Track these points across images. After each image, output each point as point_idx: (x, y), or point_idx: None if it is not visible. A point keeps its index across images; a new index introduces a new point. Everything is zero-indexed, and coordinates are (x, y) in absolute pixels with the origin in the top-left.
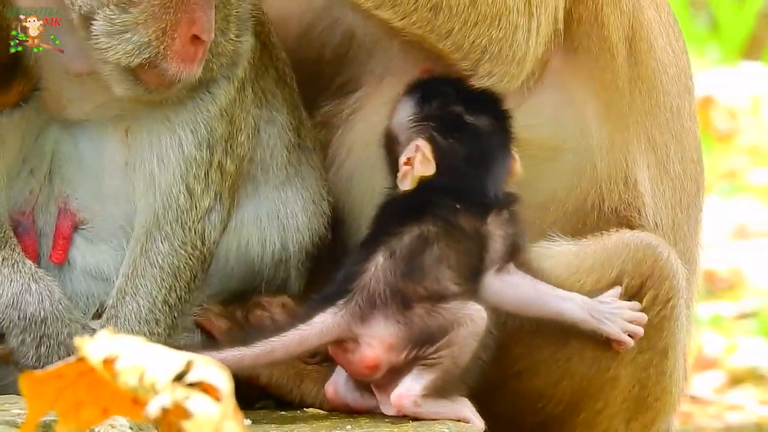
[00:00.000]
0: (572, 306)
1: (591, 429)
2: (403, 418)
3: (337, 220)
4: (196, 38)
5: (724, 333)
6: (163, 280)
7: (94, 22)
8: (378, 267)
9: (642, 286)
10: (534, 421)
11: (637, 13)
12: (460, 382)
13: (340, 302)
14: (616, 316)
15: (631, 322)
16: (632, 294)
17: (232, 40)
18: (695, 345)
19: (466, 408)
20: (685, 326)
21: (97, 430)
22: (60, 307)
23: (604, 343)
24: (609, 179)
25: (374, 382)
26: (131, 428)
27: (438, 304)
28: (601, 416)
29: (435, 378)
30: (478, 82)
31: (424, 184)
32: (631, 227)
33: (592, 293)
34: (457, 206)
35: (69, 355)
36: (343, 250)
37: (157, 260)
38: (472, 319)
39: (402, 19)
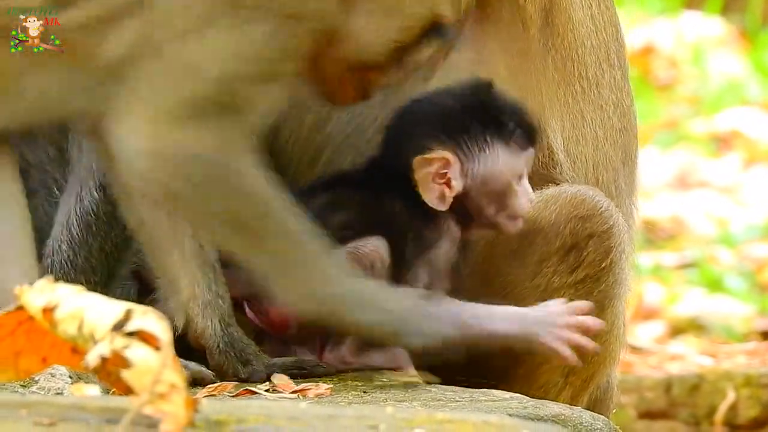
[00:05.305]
0: (504, 326)
1: (530, 383)
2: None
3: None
4: None
5: (665, 283)
6: (99, 228)
7: None
8: None
9: (580, 237)
10: (476, 374)
11: None
12: None
13: None
14: (551, 325)
15: (575, 329)
16: (571, 245)
17: None
18: (636, 295)
19: (400, 357)
20: (625, 282)
21: (36, 378)
22: None
23: (544, 292)
24: None
25: (293, 338)
26: (71, 377)
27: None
28: (541, 370)
29: None
30: None
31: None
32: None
33: (530, 244)
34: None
35: None
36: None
37: (92, 208)
38: (371, 260)
39: None
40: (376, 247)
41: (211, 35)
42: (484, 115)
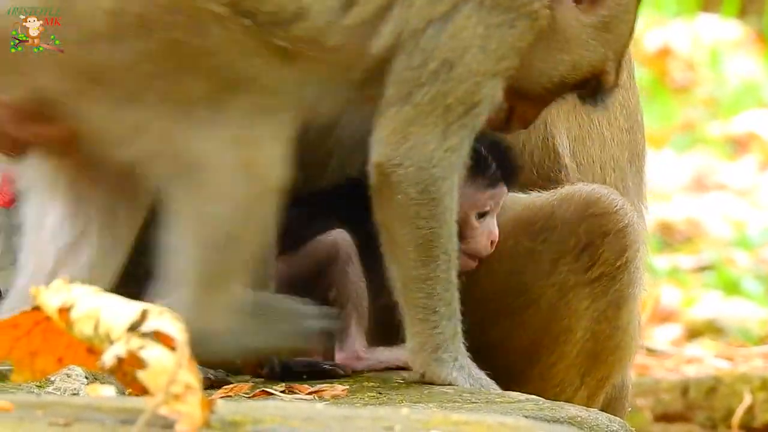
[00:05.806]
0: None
1: (546, 382)
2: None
3: None
4: None
5: (682, 286)
6: None
7: None
8: None
9: (594, 236)
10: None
11: None
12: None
13: None
14: None
15: None
16: (585, 244)
17: None
18: (653, 297)
19: (405, 353)
20: (640, 281)
21: (52, 379)
22: None
23: (559, 291)
24: (530, 140)
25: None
26: (87, 377)
27: (297, 248)
28: (556, 369)
29: (356, 322)
30: None
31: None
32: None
33: (544, 242)
34: None
35: None
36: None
37: None
38: (336, 251)
39: None
40: (343, 245)
41: (457, 25)
42: None
